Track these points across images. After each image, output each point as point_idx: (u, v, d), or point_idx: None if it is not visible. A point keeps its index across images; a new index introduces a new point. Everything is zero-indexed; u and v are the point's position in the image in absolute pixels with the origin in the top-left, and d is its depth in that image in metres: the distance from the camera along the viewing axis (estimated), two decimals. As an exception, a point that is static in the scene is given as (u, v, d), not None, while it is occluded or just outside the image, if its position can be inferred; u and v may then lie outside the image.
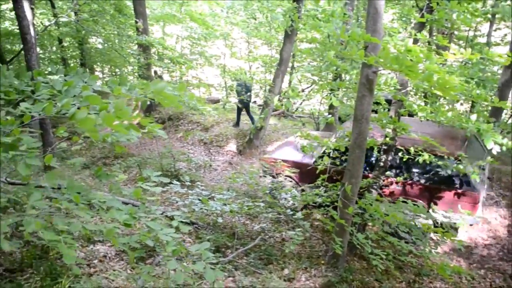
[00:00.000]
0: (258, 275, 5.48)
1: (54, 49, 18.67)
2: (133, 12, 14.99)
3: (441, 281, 6.06)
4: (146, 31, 14.80)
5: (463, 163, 6.08)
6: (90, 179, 9.92)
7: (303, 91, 17.63)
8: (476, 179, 5.94)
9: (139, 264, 4.74)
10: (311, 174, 7.57)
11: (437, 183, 6.94)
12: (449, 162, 6.41)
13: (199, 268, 2.94)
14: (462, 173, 6.35)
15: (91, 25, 16.18)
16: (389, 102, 6.61)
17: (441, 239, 5.68)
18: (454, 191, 6.77)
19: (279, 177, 8.14)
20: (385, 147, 6.52)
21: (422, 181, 7.03)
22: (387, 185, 7.14)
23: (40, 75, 3.42)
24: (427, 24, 5.68)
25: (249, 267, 5.64)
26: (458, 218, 6.42)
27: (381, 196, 6.25)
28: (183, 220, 3.73)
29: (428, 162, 6.09)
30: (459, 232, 6.97)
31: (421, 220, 6.11)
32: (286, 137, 11.96)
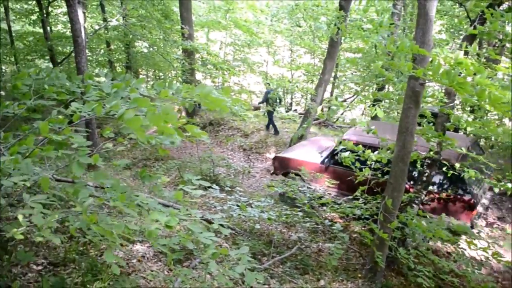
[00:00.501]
0: (293, 284, 5.43)
1: (102, 51, 19.24)
2: (179, 18, 15.28)
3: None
4: (191, 36, 15.06)
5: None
6: (130, 180, 10.14)
7: (345, 101, 17.47)
8: (471, 177, 5.77)
9: (176, 266, 4.79)
10: (317, 172, 8.21)
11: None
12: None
13: (238, 271, 2.95)
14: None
15: (138, 30, 16.60)
16: (435, 115, 6.45)
17: (486, 260, 5.48)
18: (449, 196, 6.74)
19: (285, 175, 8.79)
20: (429, 161, 6.35)
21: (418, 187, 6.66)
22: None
23: (90, 78, 3.53)
24: (478, 36, 5.52)
25: (285, 276, 5.59)
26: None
27: (423, 211, 6.09)
28: (221, 223, 3.75)
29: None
30: (504, 252, 6.73)
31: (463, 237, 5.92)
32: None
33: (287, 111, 19.30)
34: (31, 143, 2.69)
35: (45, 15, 15.78)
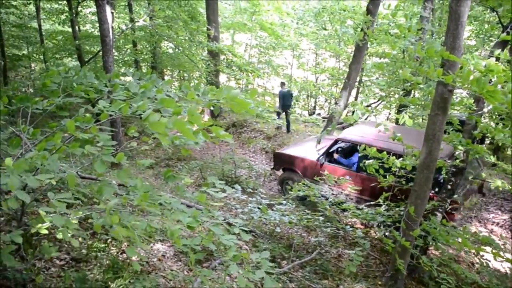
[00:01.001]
0: (312, 289, 5.40)
1: (128, 51, 19.49)
2: (205, 19, 15.37)
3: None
4: (216, 38, 15.14)
5: None
6: (153, 179, 10.22)
7: (370, 106, 17.31)
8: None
9: (196, 266, 4.80)
10: (313, 169, 8.80)
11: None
12: None
13: (258, 275, 2.94)
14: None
15: (164, 30, 16.75)
16: (462, 122, 6.32)
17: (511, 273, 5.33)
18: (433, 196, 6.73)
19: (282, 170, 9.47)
20: (455, 170, 6.23)
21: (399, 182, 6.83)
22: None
23: (117, 77, 3.57)
24: (510, 42, 5.40)
25: (304, 280, 5.55)
26: None
27: (447, 220, 5.98)
28: (242, 227, 3.74)
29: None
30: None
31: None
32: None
33: (310, 115, 19.23)
34: (58, 140, 2.72)
35: (74, 15, 16.07)
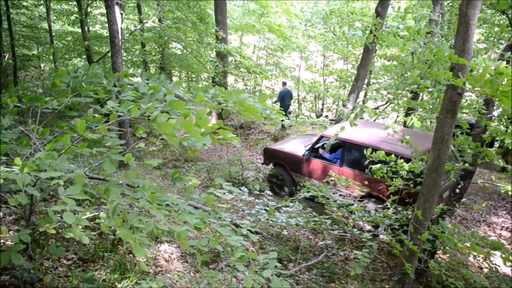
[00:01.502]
0: (319, 292, 5.38)
1: (137, 52, 19.55)
2: (214, 20, 15.39)
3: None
4: (225, 39, 15.15)
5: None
6: (160, 179, 10.24)
7: (378, 108, 17.25)
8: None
9: (203, 268, 4.80)
10: (298, 164, 9.33)
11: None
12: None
13: (265, 275, 2.94)
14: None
15: (173, 32, 16.79)
16: (471, 126, 6.28)
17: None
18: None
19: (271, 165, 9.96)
20: (463, 173, 6.19)
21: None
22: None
23: (126, 77, 3.58)
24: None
25: (311, 283, 5.53)
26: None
27: (455, 224, 5.93)
28: (250, 229, 3.74)
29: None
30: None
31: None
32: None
33: (318, 117, 19.19)
34: (67, 140, 2.74)
35: (84, 16, 16.16)
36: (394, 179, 6.23)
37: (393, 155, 6.01)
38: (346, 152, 8.46)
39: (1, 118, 3.77)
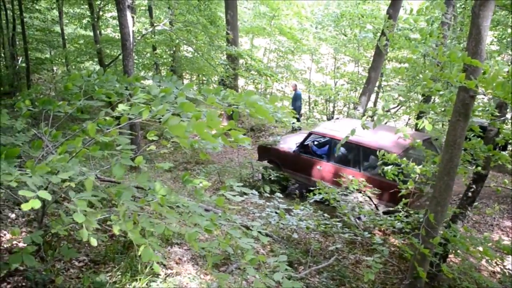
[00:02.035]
0: (329, 296, 5.35)
1: (148, 55, 19.66)
2: (225, 23, 15.43)
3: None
4: (235, 42, 15.17)
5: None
6: (171, 182, 10.27)
7: (389, 111, 17.15)
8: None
9: (213, 270, 4.80)
10: (291, 160, 9.73)
11: (372, 173, 8.18)
12: None
13: (276, 278, 2.94)
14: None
15: (184, 35, 16.86)
16: (483, 129, 6.22)
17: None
18: (386, 181, 7.42)
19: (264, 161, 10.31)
20: (476, 177, 6.13)
21: (361, 170, 8.37)
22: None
23: (137, 80, 3.60)
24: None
25: (321, 286, 5.51)
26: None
27: (467, 228, 5.87)
28: (260, 231, 3.73)
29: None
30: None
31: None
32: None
33: (329, 119, 19.14)
34: (79, 143, 2.76)
35: (96, 19, 16.31)
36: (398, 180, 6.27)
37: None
38: (332, 147, 9.04)
39: (14, 121, 3.81)
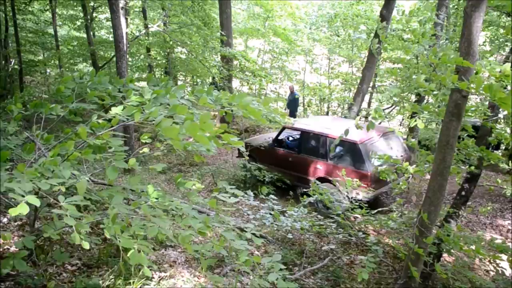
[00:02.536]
0: (324, 296, 5.35)
1: (142, 57, 19.60)
2: (219, 24, 15.41)
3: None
4: (230, 43, 15.15)
5: None
6: (165, 184, 10.25)
7: (383, 111, 17.20)
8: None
9: (207, 272, 4.79)
10: (266, 154, 10.42)
11: (338, 162, 8.88)
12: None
13: (271, 279, 2.93)
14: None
15: (178, 36, 16.84)
16: (476, 128, 6.24)
17: None
18: (350, 168, 8.44)
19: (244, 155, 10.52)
20: (469, 176, 6.15)
21: (328, 160, 9.05)
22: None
23: (131, 82, 3.59)
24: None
25: (316, 287, 5.51)
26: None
27: (461, 226, 5.89)
28: (254, 232, 3.73)
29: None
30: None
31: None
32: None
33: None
34: (71, 146, 2.74)
35: (89, 21, 16.25)
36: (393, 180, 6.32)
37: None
38: (302, 140, 9.73)
39: (6, 124, 3.79)
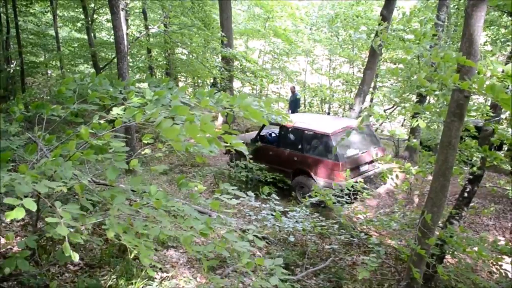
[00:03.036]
0: (326, 297, 5.34)
1: (143, 58, 19.62)
2: (219, 25, 15.42)
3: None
4: (230, 44, 15.15)
5: None
6: (166, 185, 10.25)
7: (385, 111, 17.17)
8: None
9: (209, 273, 4.79)
10: (250, 151, 10.14)
11: (312, 153, 9.54)
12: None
13: (272, 282, 2.92)
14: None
15: (178, 37, 16.82)
16: (478, 129, 6.23)
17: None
18: (322, 159, 9.24)
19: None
20: (471, 177, 6.13)
21: (304, 152, 9.67)
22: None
23: (133, 84, 3.59)
24: (527, 48, 5.32)
25: (318, 288, 5.51)
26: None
27: (463, 228, 5.87)
28: (256, 234, 3.72)
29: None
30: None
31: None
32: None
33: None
34: (73, 146, 2.74)
35: (90, 22, 16.26)
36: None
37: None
38: (280, 135, 10.36)
39: (8, 125, 3.79)
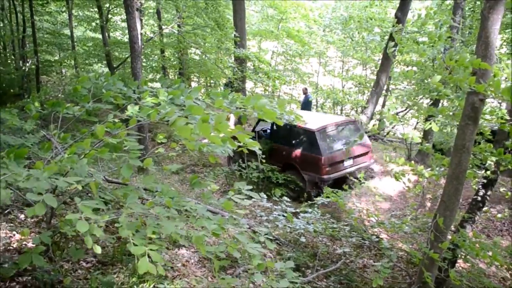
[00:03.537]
0: (337, 300, 5.32)
1: (156, 58, 19.73)
2: (233, 26, 15.46)
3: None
4: (243, 45, 15.17)
5: None
6: (178, 184, 10.28)
7: (397, 114, 17.06)
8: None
9: (220, 273, 4.79)
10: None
11: (299, 148, 9.98)
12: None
13: (283, 286, 2.92)
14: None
15: (192, 37, 16.88)
16: (493, 132, 6.17)
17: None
18: (307, 154, 9.72)
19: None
20: (485, 181, 6.07)
21: (292, 148, 10.16)
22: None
23: (145, 84, 3.62)
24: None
25: (328, 290, 5.49)
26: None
27: (477, 232, 5.82)
28: (267, 236, 3.72)
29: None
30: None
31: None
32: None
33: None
34: (88, 145, 2.77)
35: (104, 22, 16.40)
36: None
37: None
38: (272, 130, 11.05)
39: (23, 122, 3.84)
